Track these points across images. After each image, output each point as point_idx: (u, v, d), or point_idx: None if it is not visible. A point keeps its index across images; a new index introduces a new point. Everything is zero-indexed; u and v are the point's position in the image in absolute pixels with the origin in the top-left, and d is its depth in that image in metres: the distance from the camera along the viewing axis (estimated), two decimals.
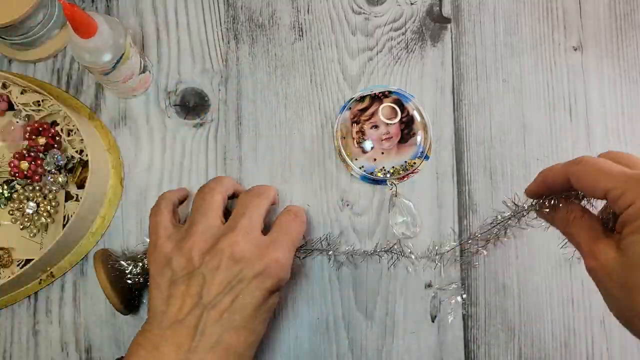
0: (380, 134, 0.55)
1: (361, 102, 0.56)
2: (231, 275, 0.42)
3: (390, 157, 0.55)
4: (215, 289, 0.42)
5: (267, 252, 0.44)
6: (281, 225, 0.47)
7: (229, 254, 0.43)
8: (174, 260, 0.44)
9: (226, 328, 0.42)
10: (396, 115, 0.55)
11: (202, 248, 0.43)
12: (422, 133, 0.56)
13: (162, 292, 0.43)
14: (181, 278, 0.43)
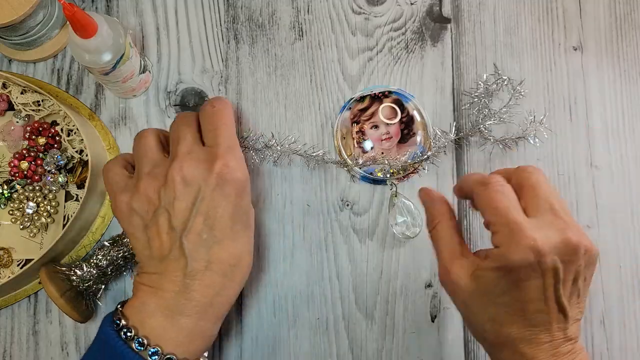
0: (380, 134, 0.55)
1: (361, 102, 0.56)
2: (191, 198, 0.43)
3: (390, 157, 0.55)
4: (182, 215, 0.43)
5: (213, 162, 0.44)
6: (209, 127, 0.46)
7: (179, 181, 0.43)
8: (135, 206, 0.44)
9: (210, 246, 0.43)
10: (396, 115, 0.55)
11: (155, 186, 0.44)
12: (422, 133, 0.56)
13: (140, 239, 0.44)
14: (150, 220, 0.44)
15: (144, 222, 0.44)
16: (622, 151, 0.57)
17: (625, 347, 0.54)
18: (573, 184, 0.56)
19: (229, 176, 0.44)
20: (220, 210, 0.43)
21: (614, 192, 0.56)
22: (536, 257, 0.38)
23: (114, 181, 0.47)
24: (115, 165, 0.48)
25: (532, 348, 0.39)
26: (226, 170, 0.44)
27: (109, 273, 0.52)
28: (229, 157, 0.44)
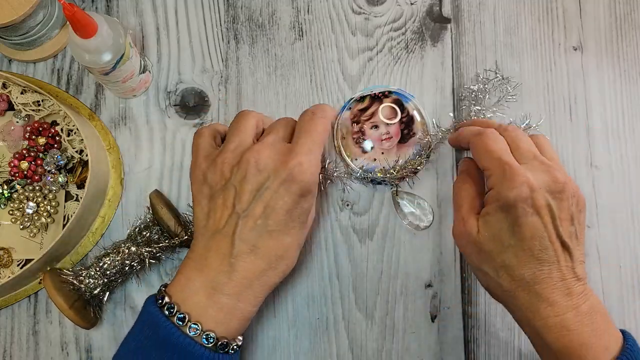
0: (380, 134, 0.55)
1: (361, 102, 0.56)
2: (258, 184, 0.45)
3: (390, 157, 0.55)
4: (246, 198, 0.44)
5: (289, 158, 0.45)
6: (300, 129, 0.48)
7: (253, 164, 0.45)
8: (208, 176, 0.46)
9: (261, 233, 0.44)
10: (396, 115, 0.55)
11: (231, 162, 0.46)
12: (422, 133, 0.56)
13: (203, 207, 0.46)
14: (217, 192, 0.46)
15: (211, 192, 0.46)
16: (622, 151, 0.57)
17: None
18: None
19: (298, 175, 0.44)
20: (281, 203, 0.44)
21: (614, 192, 0.56)
22: (529, 192, 0.42)
23: (200, 147, 0.49)
24: (206, 133, 0.50)
25: (546, 288, 0.42)
26: (298, 169, 0.44)
27: (116, 279, 0.52)
28: (305, 158, 0.45)
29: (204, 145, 0.49)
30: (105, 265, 0.51)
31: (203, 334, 0.43)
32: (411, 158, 0.55)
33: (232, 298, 0.44)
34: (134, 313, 0.54)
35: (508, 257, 0.43)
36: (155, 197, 0.53)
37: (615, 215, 0.56)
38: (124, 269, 0.51)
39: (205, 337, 0.43)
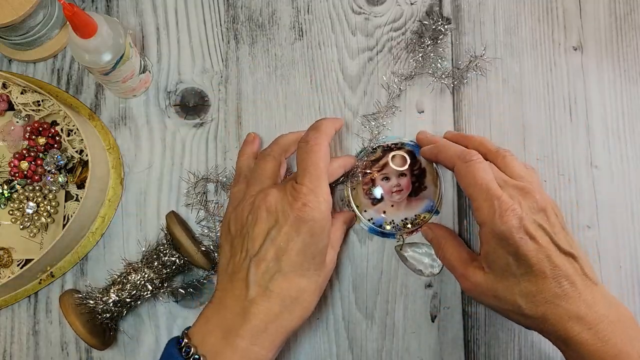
0: (390, 186, 0.55)
1: (373, 153, 0.55)
2: (268, 227, 0.45)
3: (400, 210, 0.54)
4: (257, 241, 0.45)
5: (295, 198, 0.45)
6: (299, 166, 0.48)
7: (263, 207, 0.46)
8: (231, 225, 0.48)
9: (273, 275, 0.45)
10: (406, 163, 0.55)
11: (247, 209, 0.47)
12: (433, 187, 0.55)
13: (226, 253, 0.48)
14: (236, 238, 0.47)
15: (232, 238, 0.48)
16: (622, 151, 0.57)
17: None
18: (573, 183, 0.56)
19: (306, 215, 0.45)
20: (292, 244, 0.45)
21: (614, 192, 0.56)
22: (519, 221, 0.43)
23: (235, 196, 0.51)
24: (241, 180, 0.52)
25: (571, 302, 0.43)
26: (304, 209, 0.45)
27: (133, 305, 0.52)
28: (310, 197, 0.45)
29: (237, 195, 0.50)
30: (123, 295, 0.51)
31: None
32: (421, 213, 0.55)
33: (246, 341, 0.44)
34: (134, 313, 0.54)
35: (525, 286, 0.44)
36: (172, 221, 0.53)
37: (615, 215, 0.56)
38: (142, 297, 0.52)
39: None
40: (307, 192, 0.45)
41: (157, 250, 0.52)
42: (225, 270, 0.47)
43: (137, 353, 0.54)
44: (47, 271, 0.54)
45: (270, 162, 0.50)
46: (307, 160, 0.47)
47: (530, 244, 0.43)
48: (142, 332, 0.54)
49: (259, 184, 0.49)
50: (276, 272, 0.45)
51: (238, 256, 0.46)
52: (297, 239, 0.45)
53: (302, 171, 0.47)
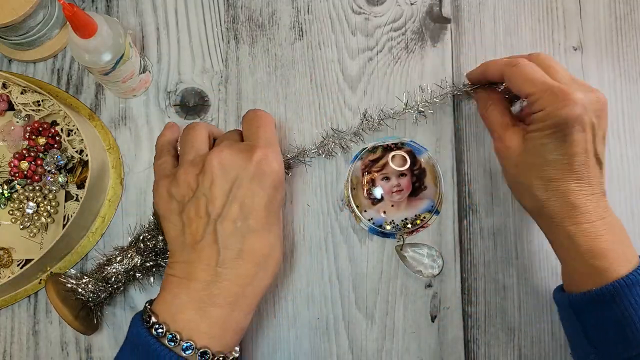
0: (391, 186, 0.54)
1: (373, 152, 0.55)
2: (228, 185, 0.43)
3: (400, 210, 0.54)
4: (219, 202, 0.43)
5: (252, 153, 0.44)
6: (250, 127, 0.48)
7: (218, 166, 0.44)
8: (173, 191, 0.45)
9: (244, 234, 0.43)
10: (406, 162, 0.55)
11: (194, 172, 0.45)
12: (433, 187, 0.55)
13: (175, 224, 0.45)
14: (187, 205, 0.44)
15: (180, 207, 0.45)
16: (622, 151, 0.57)
17: None
18: None
19: (267, 167, 0.44)
20: (257, 199, 0.44)
21: (615, 192, 0.56)
22: (582, 110, 0.43)
23: (160, 167, 0.48)
24: (164, 154, 0.49)
25: (580, 198, 0.44)
26: (265, 160, 0.44)
27: (119, 287, 0.51)
28: (268, 149, 0.45)
29: (163, 166, 0.48)
30: (109, 275, 0.50)
31: (198, 352, 0.41)
32: (421, 213, 0.55)
33: (224, 309, 0.42)
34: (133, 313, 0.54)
35: (548, 170, 0.45)
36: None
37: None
38: (128, 279, 0.51)
39: (201, 354, 0.41)
40: (264, 144, 0.45)
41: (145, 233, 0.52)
42: (182, 241, 0.44)
43: None
44: (47, 271, 0.54)
45: (203, 130, 0.49)
46: (257, 122, 0.47)
47: (578, 135, 0.44)
48: None
49: (193, 149, 0.47)
50: (246, 231, 0.43)
51: (196, 222, 0.43)
52: (262, 193, 0.44)
53: (255, 130, 0.47)
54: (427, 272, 0.53)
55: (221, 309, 0.42)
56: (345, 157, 0.57)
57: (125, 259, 0.51)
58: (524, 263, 0.55)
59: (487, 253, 0.55)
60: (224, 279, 0.42)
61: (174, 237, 0.45)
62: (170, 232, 0.45)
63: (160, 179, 0.47)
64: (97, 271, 0.51)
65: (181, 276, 0.43)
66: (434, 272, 0.54)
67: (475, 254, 0.55)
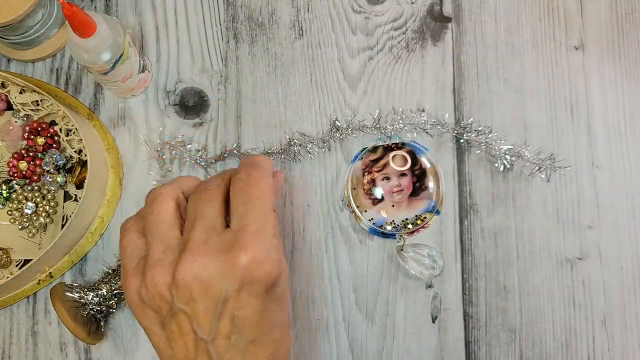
0: (391, 186, 0.54)
1: (373, 152, 0.55)
2: (212, 301, 0.36)
3: (400, 210, 0.54)
4: (203, 321, 0.36)
5: (236, 256, 0.35)
6: (237, 204, 0.38)
7: (194, 283, 0.35)
8: (145, 299, 0.37)
9: (242, 347, 0.36)
10: (407, 163, 0.55)
11: (165, 281, 0.36)
12: (434, 187, 0.55)
13: (158, 335, 0.37)
14: (167, 318, 0.37)
15: (160, 317, 0.37)
16: (623, 151, 0.57)
17: (626, 347, 0.54)
18: (574, 183, 0.56)
19: (256, 273, 0.35)
20: (249, 310, 0.36)
21: (616, 192, 0.56)
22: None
23: (126, 252, 0.39)
24: (130, 230, 0.39)
25: None
26: (253, 265, 0.35)
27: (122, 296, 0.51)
28: (256, 246, 0.35)
29: (129, 250, 0.38)
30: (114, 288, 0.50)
31: None
32: (421, 213, 0.54)
33: None
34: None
35: None
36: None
37: (617, 216, 0.55)
38: None
39: None
40: (251, 239, 0.36)
41: None
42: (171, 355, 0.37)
43: (135, 353, 0.54)
44: (45, 272, 0.54)
45: (165, 202, 0.39)
46: (247, 195, 0.38)
47: None
48: (140, 333, 0.54)
49: (159, 241, 0.37)
50: (243, 342, 0.36)
51: (184, 339, 0.36)
52: (254, 302, 0.36)
53: (243, 209, 0.37)
54: (428, 272, 0.53)
55: None
56: (346, 157, 0.56)
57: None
58: (524, 263, 0.55)
59: (488, 253, 0.55)
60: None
61: (162, 350, 0.38)
62: (156, 344, 0.38)
63: (126, 275, 0.38)
64: (104, 283, 0.51)
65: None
66: (435, 272, 0.53)
67: (476, 255, 0.55)
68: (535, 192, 0.56)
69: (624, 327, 0.54)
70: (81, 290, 0.50)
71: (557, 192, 0.56)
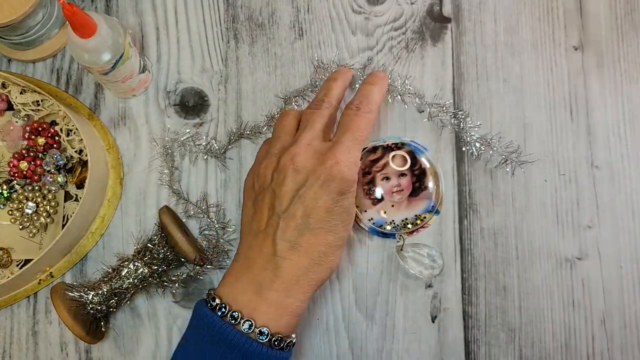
0: (391, 186, 0.54)
1: (373, 152, 0.55)
2: (296, 186, 0.46)
3: (400, 210, 0.54)
4: (285, 199, 0.46)
5: (327, 157, 0.46)
6: (342, 126, 0.49)
7: (291, 167, 0.46)
8: (255, 181, 0.49)
9: (302, 231, 0.45)
10: (406, 163, 0.55)
11: (271, 166, 0.48)
12: (434, 187, 0.55)
13: (249, 209, 0.49)
14: (259, 196, 0.48)
15: (255, 195, 0.48)
16: (622, 151, 0.57)
17: (626, 347, 0.54)
18: (574, 183, 0.56)
19: (336, 173, 0.45)
20: (320, 202, 0.45)
21: (615, 192, 0.56)
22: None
23: (259, 155, 0.51)
24: (265, 143, 0.52)
25: None
26: (336, 167, 0.45)
27: (125, 298, 0.51)
28: (343, 156, 0.46)
29: (259, 155, 0.51)
30: (116, 286, 0.50)
31: (257, 330, 0.43)
32: (421, 213, 0.55)
33: (280, 294, 0.45)
34: (133, 314, 0.54)
35: None
36: (166, 218, 0.52)
37: (616, 215, 0.56)
38: (137, 290, 0.51)
39: (259, 332, 0.43)
40: (342, 150, 0.46)
41: (151, 242, 0.52)
42: (250, 227, 0.48)
43: (136, 353, 0.54)
44: (46, 271, 0.54)
45: (293, 120, 0.51)
46: (352, 123, 0.48)
47: None
48: (141, 332, 0.54)
49: (280, 141, 0.49)
50: (305, 228, 0.45)
51: (263, 213, 0.47)
52: (327, 197, 0.46)
53: (344, 131, 0.48)
54: (427, 272, 0.53)
55: (277, 293, 0.45)
56: None
57: (133, 273, 0.51)
58: (524, 263, 0.55)
59: (487, 253, 0.55)
60: (279, 267, 0.45)
61: (245, 222, 0.49)
62: (245, 216, 0.49)
63: (251, 172, 0.51)
64: (105, 283, 0.51)
65: (243, 261, 0.47)
66: (434, 272, 0.53)
67: (475, 254, 0.55)
68: (535, 192, 0.56)
69: (623, 326, 0.54)
70: (81, 290, 0.50)
71: (557, 192, 0.56)
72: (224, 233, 0.55)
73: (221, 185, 0.57)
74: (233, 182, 0.57)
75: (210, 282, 0.55)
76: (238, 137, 0.57)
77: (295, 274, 0.45)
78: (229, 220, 0.56)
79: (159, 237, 0.52)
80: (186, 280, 0.53)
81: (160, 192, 0.56)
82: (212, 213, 0.55)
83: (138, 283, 0.51)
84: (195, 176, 0.57)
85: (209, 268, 0.54)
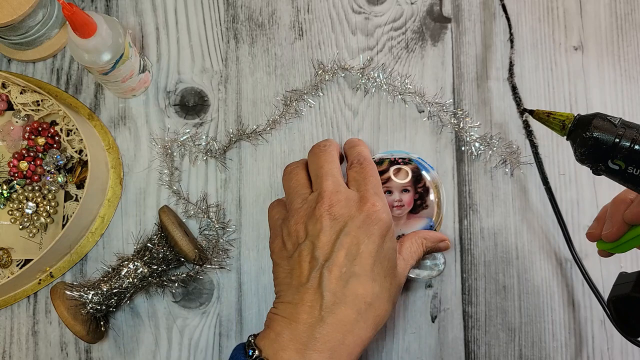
0: (392, 200, 0.54)
1: (379, 164, 0.54)
2: (336, 232, 0.45)
3: (398, 225, 0.53)
4: (326, 247, 0.44)
5: (362, 202, 0.46)
6: (355, 179, 0.48)
7: (327, 216, 0.45)
8: (285, 242, 0.47)
9: (347, 279, 0.43)
10: (407, 176, 0.54)
11: (302, 221, 0.46)
12: (435, 207, 0.54)
13: (284, 268, 0.46)
14: (295, 252, 0.45)
15: (289, 253, 0.46)
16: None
17: (625, 347, 0.54)
18: (574, 184, 0.56)
19: (375, 216, 0.45)
20: (363, 246, 0.44)
21: (615, 192, 0.56)
22: None
23: (274, 218, 0.50)
24: (277, 204, 0.51)
25: None
26: (373, 210, 0.45)
27: (125, 297, 0.51)
28: (377, 199, 0.46)
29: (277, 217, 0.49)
30: (114, 287, 0.50)
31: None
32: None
33: (324, 354, 0.42)
34: (133, 314, 0.54)
35: None
36: (166, 217, 0.52)
37: None
38: (136, 290, 0.51)
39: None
40: (372, 194, 0.46)
41: (150, 242, 0.52)
42: (288, 283, 0.45)
43: (136, 353, 0.54)
44: (46, 271, 0.54)
45: (300, 173, 0.50)
46: (364, 173, 0.48)
47: None
48: (141, 332, 0.54)
49: (299, 196, 0.48)
50: (350, 276, 0.43)
51: (303, 266, 0.44)
52: (368, 241, 0.44)
53: (361, 181, 0.48)
54: (428, 272, 0.53)
55: (320, 355, 0.42)
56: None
57: (133, 272, 0.51)
58: (524, 263, 0.55)
59: (487, 253, 0.55)
60: (325, 323, 0.42)
61: (282, 279, 0.46)
62: (279, 274, 0.46)
63: (275, 237, 0.48)
64: (105, 282, 0.51)
65: (285, 316, 0.44)
66: (435, 272, 0.53)
67: (475, 254, 0.55)
68: (535, 192, 0.56)
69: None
70: (81, 289, 0.50)
71: (557, 192, 0.56)
72: (224, 233, 0.55)
73: (221, 185, 0.57)
74: (233, 182, 0.57)
75: (210, 282, 0.55)
76: (238, 137, 0.57)
77: (342, 330, 0.42)
78: (229, 220, 0.56)
79: (158, 236, 0.52)
80: (186, 280, 0.53)
81: (160, 192, 0.56)
82: (212, 213, 0.55)
83: (138, 283, 0.51)
84: (195, 176, 0.57)
85: (208, 268, 0.54)
